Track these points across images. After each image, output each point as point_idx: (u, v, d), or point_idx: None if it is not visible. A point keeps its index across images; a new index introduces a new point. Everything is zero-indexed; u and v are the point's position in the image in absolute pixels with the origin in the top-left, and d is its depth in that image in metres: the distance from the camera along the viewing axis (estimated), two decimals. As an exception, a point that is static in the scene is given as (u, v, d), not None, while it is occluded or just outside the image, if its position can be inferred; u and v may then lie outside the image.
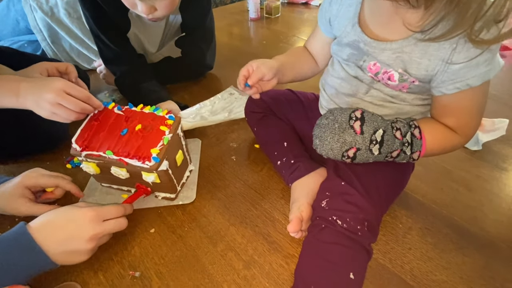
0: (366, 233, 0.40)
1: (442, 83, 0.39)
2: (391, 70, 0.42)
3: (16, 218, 0.52)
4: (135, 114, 0.51)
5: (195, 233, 0.51)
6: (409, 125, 0.42)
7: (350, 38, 0.46)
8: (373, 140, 0.41)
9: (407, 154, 0.42)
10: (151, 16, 0.60)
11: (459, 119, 0.41)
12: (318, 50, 0.58)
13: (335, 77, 0.52)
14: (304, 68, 0.59)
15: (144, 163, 0.46)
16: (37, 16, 0.81)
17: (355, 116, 0.41)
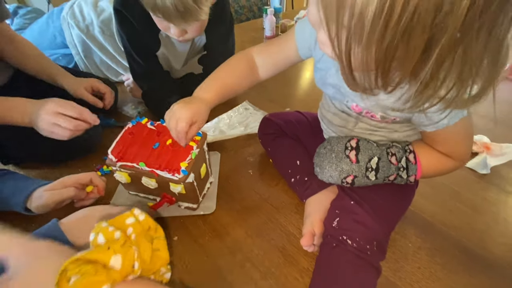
0: (375, 251, 0.43)
1: (420, 124, 0.42)
2: (372, 111, 0.44)
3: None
4: (166, 130, 0.55)
5: (215, 243, 0.54)
6: (404, 150, 0.45)
7: (333, 81, 0.46)
8: (368, 167, 0.44)
9: (404, 177, 0.45)
10: (181, 39, 0.66)
11: (448, 147, 0.44)
12: (274, 63, 0.56)
13: (327, 110, 0.55)
14: (242, 88, 0.57)
15: (174, 175, 0.50)
16: (74, 33, 0.89)
17: (350, 145, 0.45)
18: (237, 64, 0.56)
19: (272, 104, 0.94)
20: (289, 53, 0.53)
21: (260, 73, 0.57)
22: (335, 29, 0.27)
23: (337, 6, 0.25)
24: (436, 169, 0.47)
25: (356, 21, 0.25)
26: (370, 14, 0.23)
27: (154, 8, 0.56)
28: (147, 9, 0.59)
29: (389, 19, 0.23)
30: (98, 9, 0.89)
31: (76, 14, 0.89)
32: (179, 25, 0.62)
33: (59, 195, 0.53)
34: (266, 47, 0.56)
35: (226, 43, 0.84)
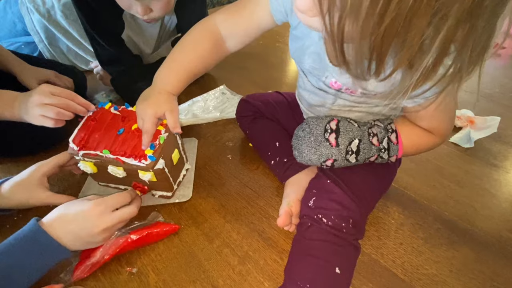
0: (351, 229, 0.41)
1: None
2: (351, 88, 0.41)
3: (15, 217, 0.53)
4: (132, 114, 0.52)
5: (191, 230, 0.51)
6: (386, 130, 0.43)
7: (315, 48, 0.41)
8: (348, 150, 0.41)
9: (384, 158, 0.43)
10: (146, 17, 0.61)
11: (429, 122, 0.42)
12: (245, 30, 0.48)
13: (303, 89, 0.51)
14: (210, 66, 0.51)
15: (141, 162, 0.47)
16: (34, 18, 0.82)
17: (330, 128, 0.42)
18: (200, 42, 0.48)
19: (254, 87, 0.91)
20: (261, 18, 0.45)
21: (228, 45, 0.50)
22: (327, 4, 0.23)
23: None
24: (418, 147, 0.45)
25: None
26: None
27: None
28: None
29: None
30: (59, -9, 0.82)
31: (35, -3, 0.82)
32: (143, 1, 0.57)
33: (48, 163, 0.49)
34: (233, 15, 0.47)
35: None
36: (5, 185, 0.47)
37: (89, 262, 0.43)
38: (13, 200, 0.47)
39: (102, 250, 0.44)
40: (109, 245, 0.44)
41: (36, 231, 0.40)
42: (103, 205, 0.43)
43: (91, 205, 0.42)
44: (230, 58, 0.54)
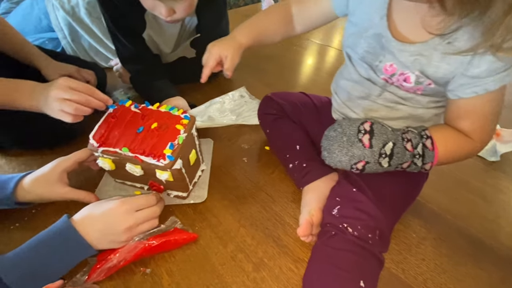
0: (377, 241, 0.40)
1: (459, 86, 0.38)
2: (408, 72, 0.41)
3: (33, 210, 0.53)
4: (152, 113, 0.52)
5: (205, 233, 0.51)
6: (420, 136, 0.41)
7: (375, 30, 0.43)
8: (382, 153, 0.40)
9: (418, 165, 0.41)
10: (169, 19, 0.61)
11: (474, 122, 0.40)
12: (309, 16, 0.55)
13: (347, 79, 0.51)
14: (277, 37, 0.57)
15: (159, 161, 0.46)
16: (59, 15, 0.84)
17: (364, 129, 0.40)
18: (275, 12, 0.56)
19: (270, 89, 0.89)
20: (324, 8, 0.51)
21: (295, 25, 0.56)
22: None
23: None
24: (454, 154, 0.43)
25: None
26: None
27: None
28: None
29: None
30: (84, -11, 0.84)
31: (61, -6, 0.84)
32: (167, 3, 0.57)
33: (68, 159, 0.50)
34: (304, 1, 0.54)
35: (219, 24, 0.79)
36: (27, 178, 0.48)
37: (105, 266, 0.43)
38: (33, 193, 0.48)
39: (119, 254, 0.43)
40: (127, 251, 0.43)
41: (67, 228, 0.40)
42: (129, 205, 0.43)
43: (117, 204, 0.43)
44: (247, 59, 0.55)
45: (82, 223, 0.42)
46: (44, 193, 0.48)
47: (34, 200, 0.49)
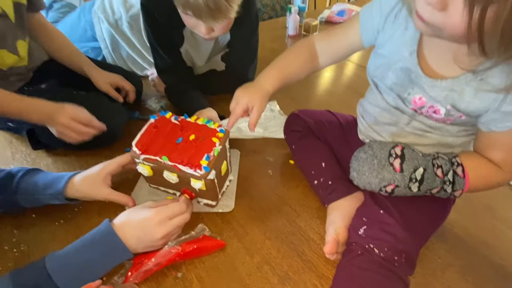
0: (403, 264, 0.41)
1: (492, 120, 0.39)
2: (438, 105, 0.42)
3: (75, 208, 0.57)
4: (190, 125, 0.55)
5: (233, 242, 0.53)
6: (451, 163, 0.42)
7: (404, 64, 0.43)
8: (412, 178, 0.41)
9: (448, 192, 0.42)
10: (208, 36, 0.65)
11: (505, 154, 0.41)
12: (335, 50, 0.56)
13: (374, 105, 0.52)
14: (303, 75, 0.58)
15: (196, 171, 0.49)
16: (103, 27, 0.91)
17: (395, 153, 0.42)
18: (300, 52, 0.57)
19: (294, 104, 0.92)
20: (352, 40, 0.52)
21: (320, 61, 0.58)
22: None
23: None
24: (485, 183, 0.43)
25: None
26: None
27: (185, 5, 0.56)
28: (177, 5, 0.58)
29: None
30: (127, 4, 0.90)
31: (106, 8, 0.91)
32: (208, 23, 0.61)
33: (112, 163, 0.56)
34: (328, 34, 0.56)
35: (249, 41, 0.83)
36: (76, 177, 0.52)
37: (142, 269, 0.45)
38: (80, 191, 0.52)
39: (154, 259, 0.46)
40: (162, 256, 0.46)
41: (109, 233, 0.44)
42: (163, 214, 0.46)
43: (153, 214, 0.46)
44: None
45: (121, 229, 0.45)
46: (89, 191, 0.53)
47: (80, 197, 0.53)
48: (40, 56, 0.74)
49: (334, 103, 0.93)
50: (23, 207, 0.52)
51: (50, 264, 0.39)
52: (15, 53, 0.65)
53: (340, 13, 1.62)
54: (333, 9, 1.67)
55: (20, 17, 0.65)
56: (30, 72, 0.72)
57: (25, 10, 0.66)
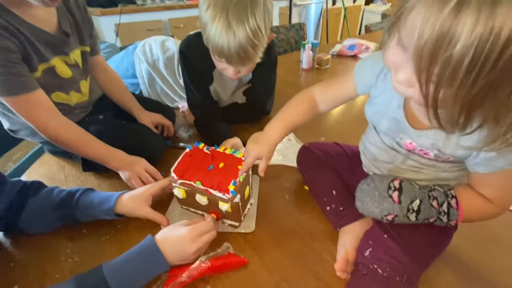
0: (405, 284, 0.45)
1: (475, 164, 0.44)
2: (426, 150, 0.47)
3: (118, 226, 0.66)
4: (219, 154, 0.65)
5: (254, 260, 0.59)
6: (446, 195, 0.47)
7: (393, 115, 0.50)
8: (410, 209, 0.46)
9: (444, 221, 0.47)
10: (234, 77, 0.77)
11: (494, 191, 0.45)
12: (333, 99, 0.63)
13: (372, 144, 0.58)
14: (305, 122, 0.66)
15: (224, 195, 0.58)
16: (143, 66, 1.06)
17: (393, 186, 0.47)
18: (301, 104, 0.66)
19: (309, 133, 1.01)
20: (348, 91, 0.60)
21: (320, 108, 0.66)
22: (425, 77, 0.31)
23: (430, 59, 0.29)
24: (477, 214, 0.48)
25: (449, 71, 0.28)
26: (464, 65, 0.27)
27: (221, 54, 0.67)
28: (213, 53, 0.70)
29: (482, 69, 0.27)
30: (164, 48, 1.06)
31: (146, 51, 1.07)
32: (237, 67, 0.73)
33: (154, 186, 0.65)
34: (326, 86, 0.64)
35: (269, 80, 0.95)
36: (124, 196, 0.62)
37: (177, 280, 0.52)
38: (126, 208, 0.61)
39: (188, 272, 0.53)
40: (194, 269, 0.54)
41: (153, 246, 0.52)
42: (196, 232, 0.55)
43: (187, 232, 0.54)
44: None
45: (161, 243, 0.53)
46: (134, 209, 0.62)
47: (125, 213, 0.62)
48: (97, 91, 0.89)
49: (344, 133, 1.01)
50: (79, 222, 0.62)
51: (106, 271, 0.47)
52: (80, 91, 0.79)
53: (351, 47, 1.75)
54: (344, 43, 1.81)
55: (85, 62, 0.80)
56: (90, 106, 0.86)
57: (88, 55, 0.81)
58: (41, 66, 0.68)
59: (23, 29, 0.62)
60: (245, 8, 0.62)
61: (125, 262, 0.50)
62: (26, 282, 0.54)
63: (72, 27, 0.75)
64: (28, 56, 0.64)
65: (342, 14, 3.57)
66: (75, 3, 0.74)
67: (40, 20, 0.66)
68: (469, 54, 0.27)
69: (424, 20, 0.29)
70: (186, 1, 2.53)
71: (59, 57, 0.72)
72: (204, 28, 0.67)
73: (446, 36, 0.28)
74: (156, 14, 2.36)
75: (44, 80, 0.68)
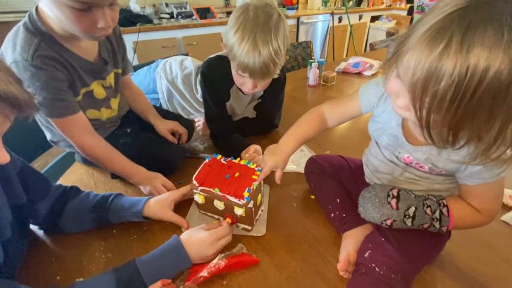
0: (399, 282, 0.51)
1: (464, 177, 0.51)
2: (422, 163, 0.54)
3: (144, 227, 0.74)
4: (235, 165, 0.73)
5: (265, 260, 0.66)
6: (438, 204, 0.54)
7: (392, 132, 0.57)
8: (406, 215, 0.52)
9: (436, 227, 0.53)
10: (251, 91, 0.86)
11: (482, 202, 0.52)
12: (341, 116, 0.72)
13: (374, 157, 0.65)
14: (315, 135, 0.75)
15: (239, 200, 0.65)
16: (163, 83, 1.17)
17: (392, 194, 0.54)
18: (312, 121, 0.75)
19: (316, 146, 1.08)
20: (353, 110, 0.68)
21: (329, 124, 0.75)
22: (418, 104, 0.38)
23: (422, 91, 0.37)
24: (466, 222, 0.54)
25: (437, 101, 0.36)
26: (448, 97, 0.35)
27: (245, 69, 0.77)
28: (238, 69, 0.79)
29: (462, 100, 0.34)
30: (183, 66, 1.16)
31: (166, 69, 1.18)
32: (257, 81, 0.82)
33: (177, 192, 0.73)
34: (334, 105, 0.73)
35: (278, 96, 1.05)
36: (151, 201, 0.71)
37: (197, 276, 0.59)
38: (152, 211, 0.69)
39: (206, 269, 0.60)
40: (212, 266, 0.61)
41: (179, 245, 0.60)
42: (214, 236, 0.63)
43: (207, 235, 0.62)
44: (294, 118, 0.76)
45: (185, 243, 0.61)
46: (158, 212, 0.70)
47: (152, 216, 0.70)
48: (125, 107, 1.00)
49: (348, 147, 1.08)
50: (110, 223, 0.70)
51: (139, 264, 0.55)
52: (110, 108, 0.89)
53: (355, 65, 1.84)
54: (349, 61, 1.90)
55: (117, 82, 0.90)
56: (119, 120, 0.96)
57: (120, 76, 0.92)
58: (82, 90, 0.78)
59: (71, 60, 0.72)
60: (270, 32, 0.74)
61: (155, 257, 0.57)
62: (67, 274, 0.62)
63: (110, 54, 0.85)
64: (74, 83, 0.75)
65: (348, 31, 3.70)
66: (113, 32, 0.84)
67: (84, 50, 0.76)
68: (451, 89, 0.34)
69: (416, 61, 0.37)
70: (199, 20, 2.69)
71: (97, 81, 0.83)
72: (232, 47, 0.77)
73: (433, 75, 0.35)
74: (171, 32, 2.52)
75: (83, 102, 0.79)
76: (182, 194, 0.73)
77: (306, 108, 0.78)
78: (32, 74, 0.64)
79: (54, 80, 0.68)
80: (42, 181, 0.67)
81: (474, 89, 0.34)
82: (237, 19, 0.76)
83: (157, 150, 0.88)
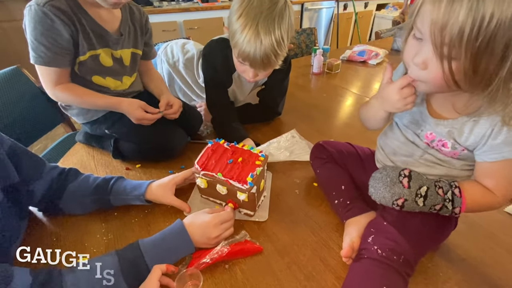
0: (401, 263, 0.51)
1: (483, 152, 0.50)
2: (444, 139, 0.54)
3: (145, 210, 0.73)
4: (238, 150, 0.71)
5: (267, 245, 0.66)
6: (450, 185, 0.53)
7: (417, 108, 0.57)
8: (418, 194, 0.52)
9: (449, 208, 0.52)
10: (252, 80, 0.83)
11: (496, 181, 0.51)
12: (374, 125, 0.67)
13: (393, 139, 0.64)
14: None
15: (242, 185, 0.64)
16: (164, 67, 1.14)
17: (403, 173, 0.54)
18: None
19: (319, 135, 1.07)
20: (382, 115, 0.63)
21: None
22: (439, 51, 0.40)
23: (441, 28, 0.39)
24: (479, 203, 0.53)
25: (455, 36, 0.38)
26: (467, 30, 0.37)
27: (246, 58, 0.74)
28: (238, 57, 0.77)
29: (478, 32, 0.37)
30: (185, 50, 1.13)
31: (168, 53, 1.14)
32: (257, 71, 0.80)
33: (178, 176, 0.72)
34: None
35: (282, 83, 1.02)
36: (153, 184, 0.70)
37: (200, 262, 0.59)
38: (154, 195, 0.69)
39: (209, 255, 0.60)
40: (215, 253, 0.60)
41: (182, 229, 0.59)
42: (218, 220, 0.62)
43: (210, 218, 0.62)
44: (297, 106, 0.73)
45: (188, 227, 0.60)
46: (160, 196, 0.69)
47: (153, 200, 0.70)
48: (138, 86, 0.99)
49: (353, 135, 1.07)
50: (111, 206, 0.69)
51: (142, 246, 0.55)
52: (120, 80, 0.90)
53: (360, 53, 1.80)
54: (354, 49, 1.86)
55: (133, 62, 0.91)
56: (129, 96, 0.95)
57: (139, 57, 0.93)
58: (89, 53, 0.80)
59: (84, 20, 0.76)
60: (273, 21, 0.70)
61: (158, 240, 0.57)
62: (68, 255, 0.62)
63: (130, 33, 0.89)
64: (80, 42, 0.77)
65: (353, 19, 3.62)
66: (139, 17, 0.91)
67: (103, 19, 0.81)
68: (466, 31, 0.37)
69: (432, 8, 0.40)
70: (201, 4, 2.62)
71: (106, 49, 0.83)
72: (234, 34, 0.74)
73: (450, 19, 0.38)
74: (171, 16, 2.46)
75: (88, 63, 0.81)
76: (183, 178, 0.73)
77: (311, 96, 0.76)
78: (40, 19, 0.70)
79: (55, 32, 0.71)
80: (35, 160, 0.66)
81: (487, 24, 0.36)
82: (241, 4, 0.72)
83: (162, 132, 0.87)
